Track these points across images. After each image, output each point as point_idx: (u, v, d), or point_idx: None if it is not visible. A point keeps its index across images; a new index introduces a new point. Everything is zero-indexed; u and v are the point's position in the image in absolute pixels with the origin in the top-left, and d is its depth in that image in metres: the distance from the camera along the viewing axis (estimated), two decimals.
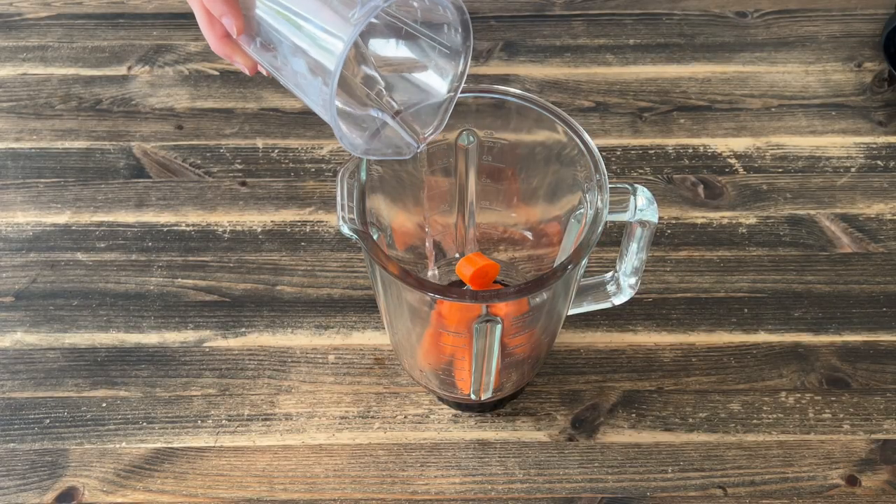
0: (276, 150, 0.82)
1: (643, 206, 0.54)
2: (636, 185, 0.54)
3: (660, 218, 0.77)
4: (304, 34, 0.48)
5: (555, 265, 0.51)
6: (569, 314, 0.62)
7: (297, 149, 0.82)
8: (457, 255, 0.67)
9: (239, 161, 0.81)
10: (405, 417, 0.67)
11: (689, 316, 0.72)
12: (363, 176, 0.53)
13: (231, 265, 0.75)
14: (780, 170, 0.80)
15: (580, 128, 0.55)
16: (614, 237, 0.76)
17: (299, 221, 0.77)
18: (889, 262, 0.75)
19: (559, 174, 0.59)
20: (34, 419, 0.67)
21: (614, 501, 0.64)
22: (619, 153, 0.81)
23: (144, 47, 0.89)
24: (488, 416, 0.67)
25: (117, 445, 0.66)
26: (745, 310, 0.72)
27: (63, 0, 0.93)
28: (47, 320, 0.72)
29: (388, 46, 0.53)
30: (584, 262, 0.53)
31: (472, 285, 0.60)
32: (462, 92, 0.53)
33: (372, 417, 0.67)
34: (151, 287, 0.73)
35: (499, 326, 0.53)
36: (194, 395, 0.68)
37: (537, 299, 0.54)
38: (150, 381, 0.69)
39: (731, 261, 0.75)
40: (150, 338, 0.71)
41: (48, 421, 0.67)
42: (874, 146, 0.82)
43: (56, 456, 0.65)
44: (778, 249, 0.75)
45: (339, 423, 0.67)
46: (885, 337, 0.71)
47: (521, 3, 0.93)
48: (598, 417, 0.67)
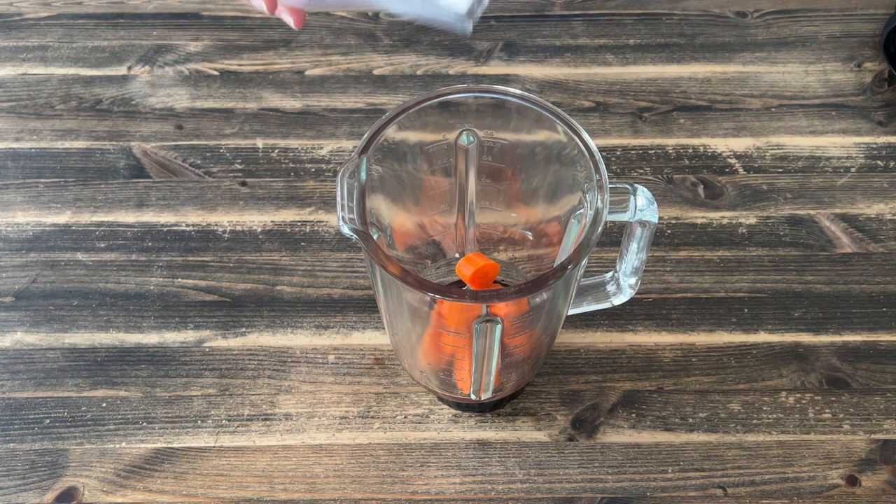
0: (276, 150, 0.82)
1: (643, 206, 0.54)
2: (636, 185, 0.54)
3: (660, 218, 0.77)
4: None
5: (555, 265, 0.51)
6: (569, 314, 0.62)
7: (297, 149, 0.82)
8: (457, 255, 0.67)
9: (239, 161, 0.81)
10: (405, 417, 0.67)
11: (689, 316, 0.72)
12: (363, 176, 0.53)
13: (231, 265, 0.75)
14: (780, 170, 0.80)
15: (580, 128, 0.55)
16: (614, 237, 0.76)
17: (299, 221, 0.77)
18: (889, 262, 0.75)
19: (559, 174, 0.59)
20: (34, 419, 0.67)
21: (614, 501, 0.64)
22: (619, 153, 0.81)
23: (144, 47, 0.89)
24: (488, 416, 0.67)
25: (117, 445, 0.66)
26: (745, 310, 0.72)
27: (63, 0, 0.93)
28: (47, 320, 0.72)
29: None
30: (584, 262, 0.53)
31: (472, 285, 0.60)
32: (462, 92, 0.53)
33: (372, 417, 0.67)
34: (151, 287, 0.73)
35: (499, 326, 0.53)
36: (194, 395, 0.68)
37: (537, 299, 0.54)
38: (150, 381, 0.69)
39: (731, 261, 0.75)
40: (150, 338, 0.71)
41: (48, 421, 0.67)
42: (874, 146, 0.82)
43: (56, 456, 0.65)
44: (778, 249, 0.75)
45: (339, 423, 0.67)
46: (885, 337, 0.71)
47: (521, 3, 0.93)
48: (598, 417, 0.67)
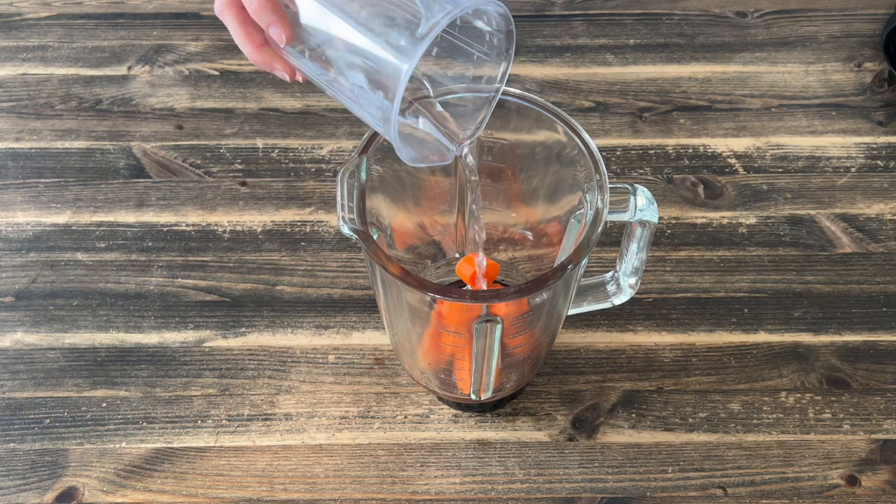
0: (276, 150, 0.82)
1: (643, 206, 0.54)
2: (636, 185, 0.54)
3: (660, 218, 0.77)
4: (363, 49, 0.46)
5: (555, 265, 0.51)
6: (569, 314, 0.62)
7: (297, 149, 0.82)
8: (457, 255, 0.67)
9: (239, 161, 0.81)
10: (405, 417, 0.67)
11: (689, 316, 0.72)
12: (363, 176, 0.53)
13: (231, 265, 0.75)
14: (780, 170, 0.80)
15: (580, 128, 0.55)
16: (614, 237, 0.76)
17: (299, 221, 0.77)
18: (889, 262, 0.75)
19: (559, 174, 0.59)
20: (34, 419, 0.67)
21: (614, 501, 0.64)
22: (619, 153, 0.81)
23: (144, 47, 0.89)
24: (488, 416, 0.67)
25: (117, 445, 0.66)
26: (745, 310, 0.72)
27: (63, 0, 0.93)
28: (47, 320, 0.72)
29: (428, 52, 0.52)
30: (584, 262, 0.53)
31: (472, 285, 0.60)
32: (462, 92, 0.53)
33: (372, 417, 0.67)
34: (151, 287, 0.73)
35: (499, 326, 0.53)
36: (194, 395, 0.68)
37: (537, 299, 0.54)
38: (150, 381, 0.69)
39: (731, 261, 0.75)
40: (150, 338, 0.71)
41: (48, 421, 0.67)
42: (874, 146, 0.82)
43: (56, 456, 0.65)
44: (778, 249, 0.75)
45: (339, 423, 0.67)
46: (885, 337, 0.71)
47: (521, 3, 0.93)
48: (598, 417, 0.67)
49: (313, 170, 0.80)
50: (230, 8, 0.51)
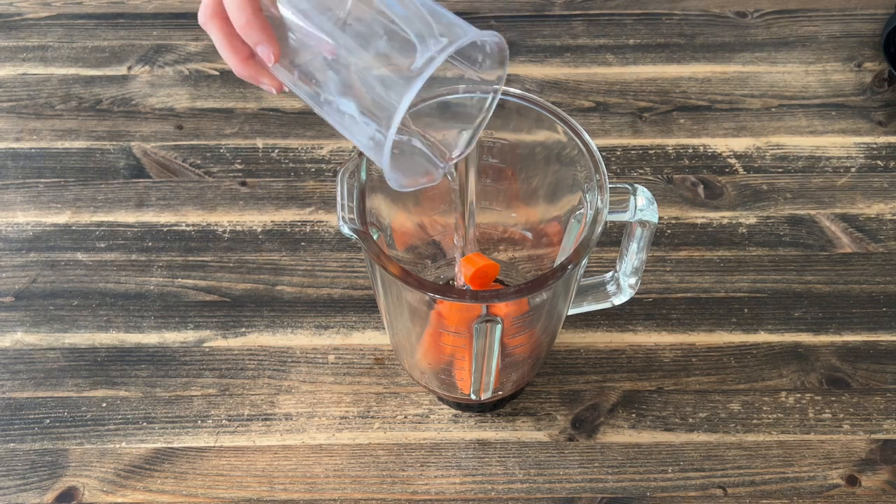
0: (276, 150, 0.82)
1: (643, 206, 0.54)
2: (636, 185, 0.54)
3: (660, 218, 0.77)
4: (354, 79, 0.44)
5: (555, 265, 0.51)
6: (569, 314, 0.62)
7: (297, 149, 0.82)
8: (457, 256, 0.67)
9: (239, 161, 0.81)
10: (405, 417, 0.67)
11: (689, 316, 0.72)
12: (363, 176, 0.53)
13: (231, 265, 0.75)
14: (780, 170, 0.80)
15: (580, 128, 0.55)
16: (614, 237, 0.76)
17: (299, 221, 0.77)
18: (889, 262, 0.75)
19: (559, 174, 0.59)
20: (34, 419, 0.67)
21: (614, 501, 0.64)
22: (619, 153, 0.81)
23: (144, 47, 0.89)
24: (488, 416, 0.67)
25: (117, 445, 0.66)
26: (745, 310, 0.72)
27: (63, 0, 0.93)
28: (47, 320, 0.72)
29: None
30: (584, 262, 0.53)
31: (472, 285, 0.60)
32: (462, 92, 0.53)
33: (372, 417, 0.67)
34: (151, 287, 0.73)
35: (499, 326, 0.53)
36: (194, 395, 0.68)
37: (537, 299, 0.54)
38: (150, 381, 0.69)
39: (731, 261, 0.75)
40: (150, 338, 0.71)
41: (48, 421, 0.67)
42: (874, 146, 0.82)
43: (56, 456, 0.65)
44: (778, 249, 0.75)
45: (339, 423, 0.67)
46: (885, 337, 0.71)
47: (521, 3, 0.93)
48: (598, 417, 0.67)
49: (313, 170, 0.80)
50: (215, 19, 0.49)
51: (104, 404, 0.68)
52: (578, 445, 0.66)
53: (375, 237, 0.54)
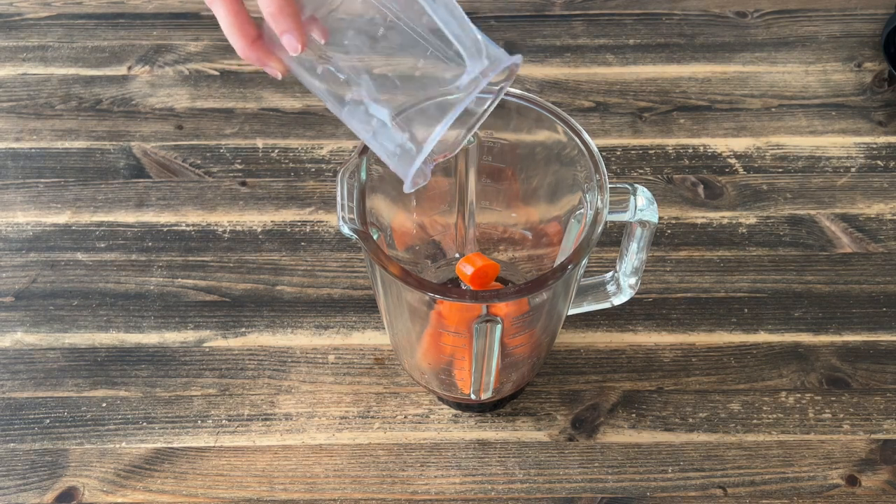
0: (276, 150, 0.82)
1: (643, 206, 0.54)
2: (636, 185, 0.54)
3: (660, 218, 0.77)
4: (397, 84, 0.43)
5: (555, 265, 0.51)
6: (569, 314, 0.62)
7: (297, 149, 0.82)
8: (457, 255, 0.67)
9: (239, 161, 0.81)
10: (405, 417, 0.67)
11: (689, 316, 0.72)
12: (363, 176, 0.53)
13: (231, 265, 0.75)
14: (780, 170, 0.80)
15: (580, 128, 0.55)
16: (614, 237, 0.76)
17: (299, 221, 0.77)
18: (889, 262, 0.75)
19: (559, 174, 0.59)
20: (34, 419, 0.67)
21: (614, 501, 0.64)
22: (619, 153, 0.81)
23: (144, 47, 0.89)
24: (488, 416, 0.67)
25: (117, 445, 0.66)
26: (745, 310, 0.72)
27: (63, 0, 0.93)
28: (47, 320, 0.72)
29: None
30: (584, 262, 0.53)
31: (472, 285, 0.60)
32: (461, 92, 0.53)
33: (372, 417, 0.67)
34: (151, 287, 0.73)
35: (499, 326, 0.53)
36: (194, 395, 0.68)
37: (537, 299, 0.54)
38: (150, 381, 0.69)
39: (731, 261, 0.75)
40: (150, 338, 0.71)
41: (48, 421, 0.67)
42: (874, 146, 0.82)
43: (56, 456, 0.65)
44: (778, 249, 0.75)
45: (339, 423, 0.67)
46: (885, 337, 0.71)
47: (521, 3, 0.93)
48: (598, 417, 0.67)
49: (313, 170, 0.80)
50: None
51: (104, 404, 0.68)
52: (578, 445, 0.66)
53: (375, 237, 0.54)
